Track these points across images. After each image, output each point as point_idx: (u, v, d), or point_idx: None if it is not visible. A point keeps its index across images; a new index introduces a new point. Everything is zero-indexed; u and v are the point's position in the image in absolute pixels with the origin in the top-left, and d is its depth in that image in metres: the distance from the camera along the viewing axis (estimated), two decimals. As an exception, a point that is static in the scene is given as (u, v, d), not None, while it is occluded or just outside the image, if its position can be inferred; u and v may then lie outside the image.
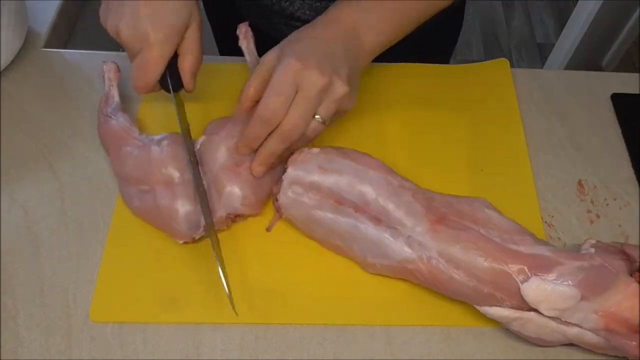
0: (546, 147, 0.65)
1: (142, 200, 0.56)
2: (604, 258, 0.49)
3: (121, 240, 0.57)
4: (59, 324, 0.52)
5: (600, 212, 0.61)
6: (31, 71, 0.69)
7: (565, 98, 0.69)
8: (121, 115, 0.60)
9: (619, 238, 0.59)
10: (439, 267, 0.50)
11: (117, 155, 0.58)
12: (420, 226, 0.51)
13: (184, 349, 0.52)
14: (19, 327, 0.52)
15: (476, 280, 0.49)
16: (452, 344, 0.52)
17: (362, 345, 0.52)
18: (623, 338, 0.48)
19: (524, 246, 0.50)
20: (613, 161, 0.64)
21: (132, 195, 0.57)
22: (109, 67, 0.64)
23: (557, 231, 0.59)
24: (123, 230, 0.57)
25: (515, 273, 0.49)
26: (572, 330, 0.49)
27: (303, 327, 0.53)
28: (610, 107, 0.69)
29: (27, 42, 0.71)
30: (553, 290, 0.48)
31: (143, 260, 0.56)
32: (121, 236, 0.57)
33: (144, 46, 0.53)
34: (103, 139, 0.61)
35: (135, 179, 0.56)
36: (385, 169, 0.55)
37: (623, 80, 0.71)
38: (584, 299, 0.48)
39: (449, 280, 0.50)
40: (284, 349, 0.52)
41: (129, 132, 0.59)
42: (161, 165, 0.55)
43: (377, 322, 0.53)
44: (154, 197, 0.55)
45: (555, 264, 0.49)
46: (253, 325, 0.53)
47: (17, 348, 0.51)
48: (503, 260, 0.49)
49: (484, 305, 0.50)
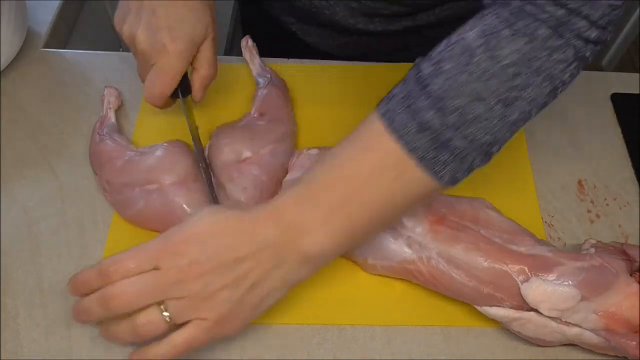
0: (546, 147, 0.65)
1: (148, 200, 0.55)
2: (604, 258, 0.49)
3: (121, 240, 0.57)
4: (59, 324, 0.52)
5: (600, 212, 0.61)
6: (31, 71, 0.69)
7: (565, 98, 0.69)
8: (117, 135, 0.61)
9: (619, 238, 0.59)
10: (439, 267, 0.50)
11: (114, 168, 0.57)
12: (420, 227, 0.51)
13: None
14: (19, 327, 0.52)
15: (476, 280, 0.49)
16: (452, 344, 0.52)
17: (362, 345, 0.52)
18: (623, 338, 0.48)
19: (524, 246, 0.50)
20: (613, 161, 0.64)
21: (134, 198, 0.56)
22: (110, 92, 0.65)
23: (557, 231, 0.59)
24: (123, 230, 0.57)
25: (516, 273, 0.49)
26: (572, 330, 0.49)
27: (303, 327, 0.53)
28: (610, 107, 0.69)
29: (27, 42, 0.71)
30: (553, 291, 0.48)
31: (143, 261, 0.55)
32: (121, 236, 0.57)
33: (161, 57, 0.53)
34: (95, 158, 0.60)
35: (141, 180, 0.56)
36: (385, 169, 0.55)
37: (623, 80, 0.71)
38: (584, 299, 0.48)
39: (449, 281, 0.50)
40: (284, 349, 0.52)
41: (126, 148, 0.59)
42: (171, 163, 0.56)
43: (377, 322, 0.53)
44: (163, 195, 0.55)
45: (556, 264, 0.49)
46: (253, 325, 0.53)
47: (17, 348, 0.51)
48: (503, 260, 0.49)
49: (484, 305, 0.50)
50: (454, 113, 0.43)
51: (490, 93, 0.43)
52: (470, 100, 0.43)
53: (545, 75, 0.44)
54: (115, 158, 0.58)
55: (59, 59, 0.71)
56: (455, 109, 0.43)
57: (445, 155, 0.44)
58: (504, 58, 0.43)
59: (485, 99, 0.43)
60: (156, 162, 0.56)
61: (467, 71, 0.43)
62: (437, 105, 0.43)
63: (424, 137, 0.44)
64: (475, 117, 0.43)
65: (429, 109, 0.43)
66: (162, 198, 0.55)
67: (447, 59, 0.44)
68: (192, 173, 0.56)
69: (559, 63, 0.44)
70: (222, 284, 0.44)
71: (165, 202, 0.55)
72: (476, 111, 0.43)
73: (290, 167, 0.56)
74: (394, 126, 0.44)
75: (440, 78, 0.44)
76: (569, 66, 0.44)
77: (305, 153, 0.56)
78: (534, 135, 0.66)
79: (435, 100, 0.43)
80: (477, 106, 0.43)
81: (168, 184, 0.55)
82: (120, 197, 0.57)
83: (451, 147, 0.44)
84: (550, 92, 0.45)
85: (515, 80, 0.43)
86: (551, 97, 0.46)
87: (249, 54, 0.68)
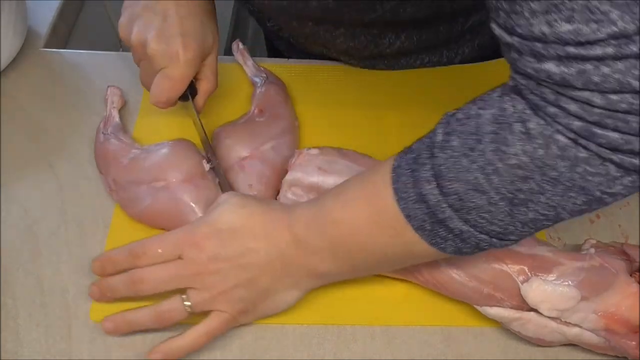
0: (546, 147, 0.65)
1: (155, 197, 0.55)
2: (604, 258, 0.49)
3: (121, 240, 0.56)
4: (59, 324, 0.52)
5: (600, 212, 0.61)
6: (31, 71, 0.69)
7: (565, 98, 0.69)
8: (122, 134, 0.61)
9: (619, 238, 0.59)
10: (439, 267, 0.50)
11: (120, 166, 0.58)
12: (420, 226, 0.51)
13: (184, 349, 0.52)
14: (19, 327, 0.52)
15: (476, 280, 0.49)
16: (452, 344, 0.52)
17: (362, 345, 0.52)
18: (623, 338, 0.48)
19: (523, 246, 0.50)
20: (613, 161, 0.64)
21: (141, 196, 0.56)
22: (112, 92, 0.65)
23: (557, 231, 0.59)
24: (123, 230, 0.57)
25: (515, 273, 0.49)
26: (572, 330, 0.49)
27: (303, 327, 0.53)
28: (610, 107, 0.69)
29: (27, 42, 0.71)
30: (553, 291, 0.48)
31: (143, 260, 0.56)
32: (121, 236, 0.57)
33: (172, 63, 0.54)
34: (101, 157, 0.60)
35: (148, 178, 0.56)
36: (385, 169, 0.55)
37: (623, 80, 0.71)
38: (584, 299, 0.48)
39: (449, 281, 0.50)
40: (284, 349, 0.52)
41: (132, 146, 0.59)
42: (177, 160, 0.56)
43: (377, 322, 0.53)
44: (170, 192, 0.55)
45: (556, 264, 0.49)
46: (253, 325, 0.53)
47: (17, 348, 0.51)
48: (503, 260, 0.49)
49: (484, 305, 0.50)
50: (452, 195, 0.40)
51: (492, 188, 0.39)
52: (469, 188, 0.39)
53: (570, 187, 0.38)
54: (121, 156, 0.58)
55: (59, 59, 0.71)
56: (455, 192, 0.40)
57: (443, 232, 0.42)
58: (511, 157, 0.38)
59: (486, 193, 0.39)
60: (163, 159, 0.57)
61: (471, 157, 0.39)
62: (437, 181, 0.40)
63: (421, 210, 0.41)
64: (476, 207, 0.40)
65: (429, 182, 0.41)
66: (169, 195, 0.55)
67: (457, 133, 0.40)
68: (199, 171, 0.56)
69: (595, 177, 0.37)
70: (236, 282, 0.48)
71: (172, 199, 0.55)
72: (476, 201, 0.40)
73: (290, 166, 0.56)
74: (396, 186, 0.43)
75: (446, 153, 0.40)
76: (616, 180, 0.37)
77: (306, 153, 0.56)
78: (534, 135, 0.66)
79: (436, 175, 0.40)
80: (477, 197, 0.39)
81: (175, 181, 0.55)
82: (127, 194, 0.57)
83: (450, 227, 0.41)
84: (585, 202, 0.39)
85: (525, 183, 0.38)
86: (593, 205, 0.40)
87: (242, 57, 0.68)
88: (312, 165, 0.55)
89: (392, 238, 0.44)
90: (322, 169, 0.54)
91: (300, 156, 0.56)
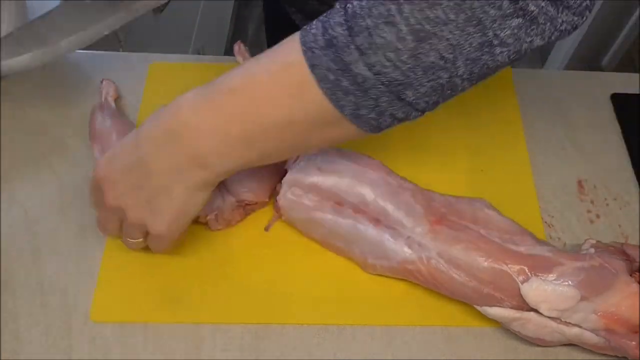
0: (546, 147, 0.65)
1: None
2: (604, 258, 0.49)
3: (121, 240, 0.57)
4: (58, 324, 0.52)
5: (600, 212, 0.61)
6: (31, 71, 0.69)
7: (565, 98, 0.69)
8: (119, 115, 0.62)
9: (619, 238, 0.59)
10: (439, 267, 0.50)
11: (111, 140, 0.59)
12: (420, 227, 0.51)
13: (184, 349, 0.51)
14: (19, 327, 0.52)
15: (476, 280, 0.49)
16: (452, 344, 0.52)
17: (362, 345, 0.52)
18: (623, 338, 0.48)
19: (524, 246, 0.50)
20: (613, 161, 0.64)
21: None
22: (107, 84, 0.65)
23: (557, 231, 0.59)
24: (123, 230, 0.57)
25: (515, 273, 0.49)
26: (572, 330, 0.49)
27: (303, 327, 0.53)
28: (610, 107, 0.69)
29: (27, 42, 0.71)
30: (553, 291, 0.48)
31: (143, 260, 0.55)
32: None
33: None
34: (99, 136, 0.61)
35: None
36: (385, 169, 0.55)
37: (623, 80, 0.71)
38: (584, 299, 0.48)
39: (449, 281, 0.50)
40: (284, 349, 0.52)
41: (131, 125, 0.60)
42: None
43: (377, 322, 0.53)
44: None
45: (555, 264, 0.49)
46: (253, 325, 0.53)
47: (17, 348, 0.51)
48: (503, 260, 0.49)
49: (484, 305, 0.50)
50: (362, 33, 0.39)
51: (403, 19, 0.38)
52: (380, 22, 0.39)
53: (470, 17, 0.38)
54: (119, 132, 0.59)
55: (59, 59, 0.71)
56: (366, 28, 0.39)
57: (345, 82, 0.41)
58: None
59: (396, 24, 0.39)
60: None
61: None
62: (348, 23, 0.40)
63: (327, 56, 0.40)
64: (383, 44, 0.39)
65: (341, 25, 0.40)
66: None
67: None
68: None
69: (491, 8, 0.38)
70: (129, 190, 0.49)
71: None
72: (385, 37, 0.39)
73: (290, 166, 0.56)
74: (305, 39, 0.42)
75: None
76: (506, 20, 0.38)
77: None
78: (534, 135, 0.66)
79: (348, 17, 0.40)
80: (386, 30, 0.39)
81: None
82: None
83: (354, 73, 0.40)
84: (480, 45, 0.39)
85: (434, 10, 0.38)
86: (485, 54, 0.40)
87: (242, 58, 0.68)
88: (312, 165, 0.55)
89: (292, 99, 0.43)
90: (322, 169, 0.54)
91: (299, 156, 0.56)
